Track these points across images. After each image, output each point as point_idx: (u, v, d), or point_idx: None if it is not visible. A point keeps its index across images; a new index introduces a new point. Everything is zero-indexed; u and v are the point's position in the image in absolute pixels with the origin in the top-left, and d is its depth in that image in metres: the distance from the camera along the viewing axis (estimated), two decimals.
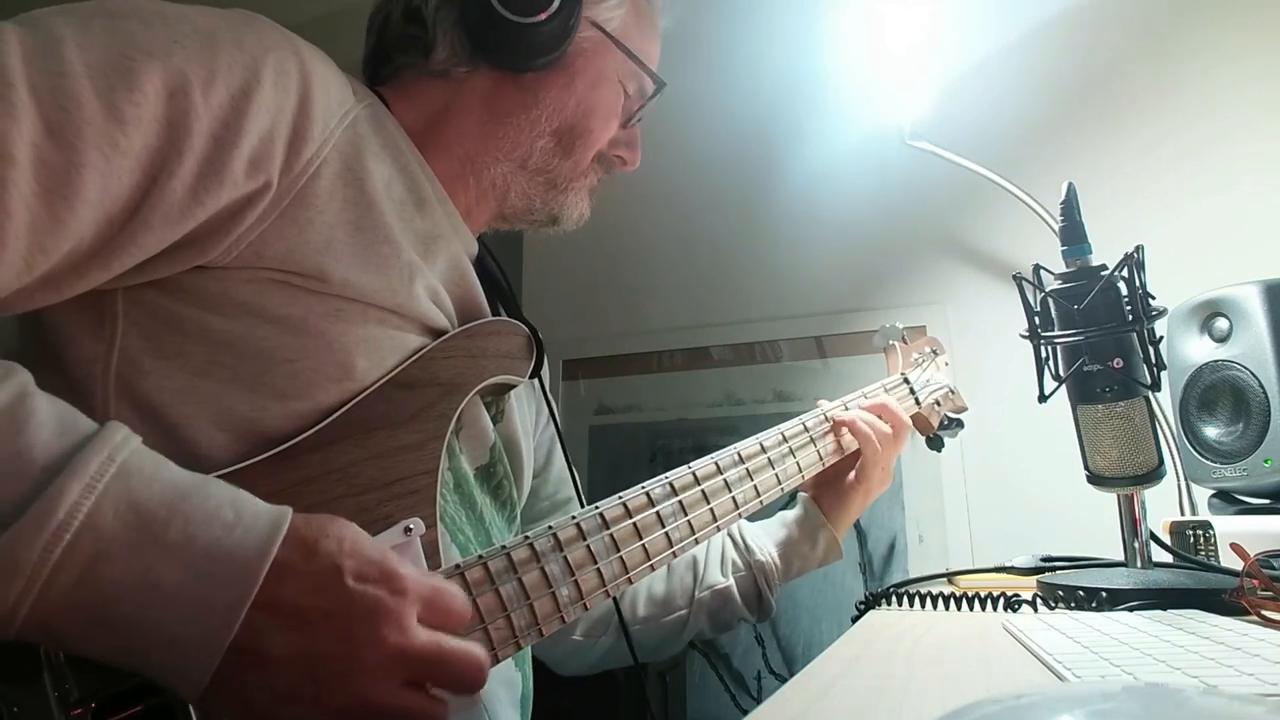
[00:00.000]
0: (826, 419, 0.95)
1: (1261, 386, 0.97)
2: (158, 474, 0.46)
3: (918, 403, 1.07)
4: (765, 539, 0.98)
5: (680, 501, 0.75)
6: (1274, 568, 0.76)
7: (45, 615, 0.42)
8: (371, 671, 0.47)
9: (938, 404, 1.11)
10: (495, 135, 0.75)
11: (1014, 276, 0.85)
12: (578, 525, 0.67)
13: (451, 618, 0.52)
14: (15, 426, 0.44)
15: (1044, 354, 0.84)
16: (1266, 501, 1.02)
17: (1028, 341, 0.85)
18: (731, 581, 0.95)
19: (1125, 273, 0.78)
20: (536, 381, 0.81)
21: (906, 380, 1.08)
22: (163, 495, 0.45)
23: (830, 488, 0.99)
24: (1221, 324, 1.04)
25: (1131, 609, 0.69)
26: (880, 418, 0.98)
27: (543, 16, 0.69)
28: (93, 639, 0.43)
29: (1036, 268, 0.84)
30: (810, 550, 0.97)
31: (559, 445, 0.92)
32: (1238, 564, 0.68)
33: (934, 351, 1.15)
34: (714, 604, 0.95)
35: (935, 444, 1.13)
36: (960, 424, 1.14)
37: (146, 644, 0.44)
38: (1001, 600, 0.76)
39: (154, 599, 0.43)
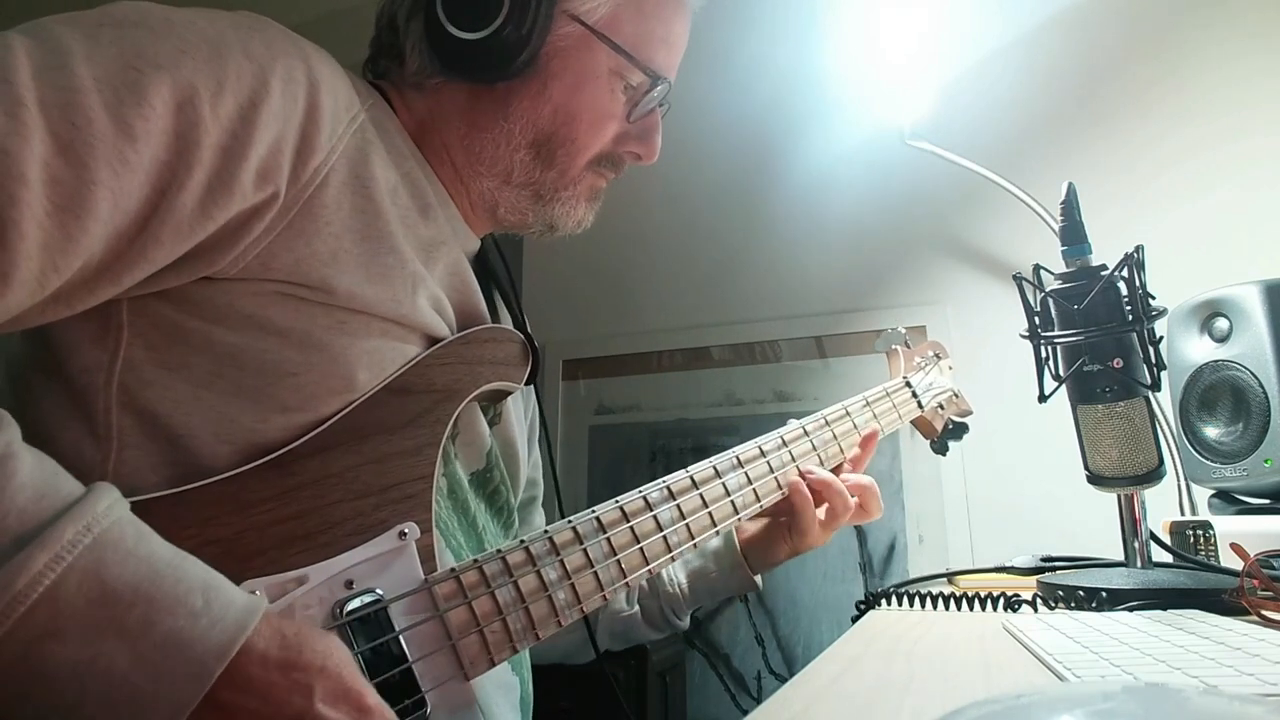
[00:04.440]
0: (826, 423, 0.94)
1: (1261, 386, 0.97)
2: (136, 549, 0.44)
3: (920, 406, 1.07)
4: (678, 567, 0.95)
5: (678, 505, 0.75)
6: (1274, 568, 0.76)
7: None
8: None
9: (941, 407, 1.10)
10: (475, 149, 0.73)
11: (1014, 276, 0.85)
12: (574, 529, 0.67)
13: None
14: None
15: (1044, 354, 0.84)
16: (1266, 501, 1.02)
17: (1028, 341, 0.85)
18: (636, 610, 0.94)
19: (1125, 273, 0.78)
20: None
21: (909, 384, 1.08)
22: (134, 574, 0.43)
23: (767, 527, 0.93)
24: (1221, 324, 1.03)
25: (1131, 609, 0.68)
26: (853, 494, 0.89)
27: (494, 26, 0.66)
28: (24, 712, 0.42)
29: (1036, 268, 0.84)
30: (723, 585, 0.94)
31: (538, 441, 0.91)
32: (1238, 564, 0.68)
33: (937, 355, 1.15)
34: (617, 627, 0.94)
35: (939, 448, 1.13)
36: (965, 428, 1.13)
37: None
38: (1001, 600, 0.76)
39: (95, 689, 0.41)
